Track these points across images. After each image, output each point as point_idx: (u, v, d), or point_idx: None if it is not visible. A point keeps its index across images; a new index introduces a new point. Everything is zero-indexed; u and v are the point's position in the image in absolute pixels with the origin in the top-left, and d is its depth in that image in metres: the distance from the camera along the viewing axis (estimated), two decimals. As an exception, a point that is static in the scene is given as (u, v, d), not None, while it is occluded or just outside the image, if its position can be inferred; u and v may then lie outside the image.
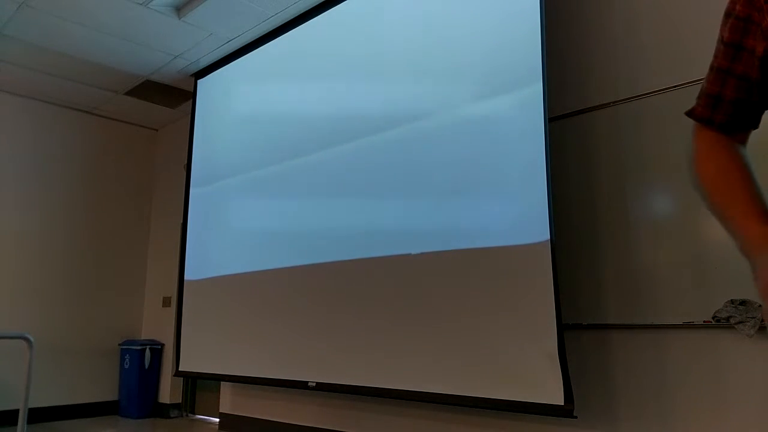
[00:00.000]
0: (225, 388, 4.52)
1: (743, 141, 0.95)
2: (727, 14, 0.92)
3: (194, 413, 5.17)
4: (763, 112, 0.93)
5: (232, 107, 4.36)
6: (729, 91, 0.91)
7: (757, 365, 2.16)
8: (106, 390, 5.30)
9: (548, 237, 2.48)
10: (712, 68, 0.95)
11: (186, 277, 4.48)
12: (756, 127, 0.94)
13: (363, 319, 3.17)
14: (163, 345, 5.30)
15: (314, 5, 3.78)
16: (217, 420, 4.62)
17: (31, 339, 3.32)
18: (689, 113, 0.98)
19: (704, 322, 2.26)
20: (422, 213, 2.98)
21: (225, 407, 4.48)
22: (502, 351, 2.57)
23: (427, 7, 3.14)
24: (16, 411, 4.64)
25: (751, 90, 0.90)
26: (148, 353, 5.16)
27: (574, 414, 2.33)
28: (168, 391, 5.17)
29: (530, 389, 2.45)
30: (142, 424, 4.88)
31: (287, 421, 3.93)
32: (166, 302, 5.41)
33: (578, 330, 2.62)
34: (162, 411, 5.18)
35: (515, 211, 2.62)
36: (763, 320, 2.11)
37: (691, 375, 2.31)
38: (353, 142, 3.39)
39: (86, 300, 5.29)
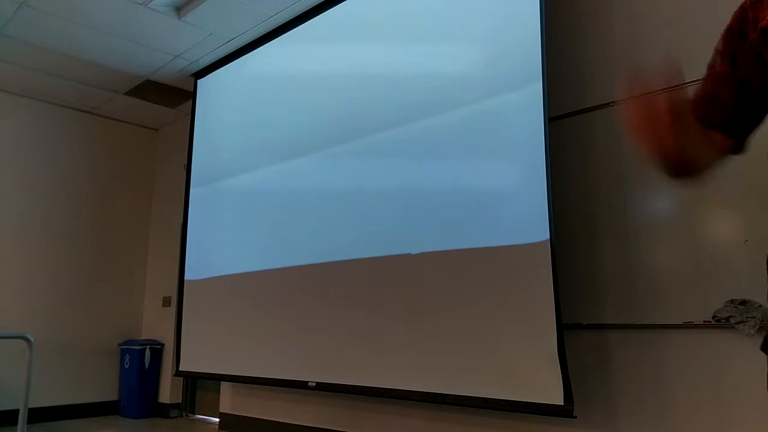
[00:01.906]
0: (225, 388, 4.52)
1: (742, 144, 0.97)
2: (728, 28, 0.97)
3: (194, 413, 5.17)
4: (763, 116, 0.95)
5: (232, 107, 4.36)
6: (726, 93, 0.94)
7: (757, 365, 2.15)
8: (106, 390, 5.30)
9: (548, 237, 2.48)
10: (712, 74, 0.97)
11: (186, 277, 4.48)
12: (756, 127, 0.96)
13: (363, 319, 3.17)
14: (163, 345, 5.30)
15: (314, 5, 3.77)
16: (217, 420, 4.62)
17: (31, 339, 3.32)
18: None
19: (704, 322, 2.26)
20: (422, 213, 2.98)
21: (225, 407, 4.48)
22: (501, 351, 2.57)
23: (427, 8, 3.14)
24: (16, 411, 4.63)
25: (751, 95, 0.93)
26: (148, 353, 5.16)
27: (574, 414, 2.33)
28: (168, 391, 5.17)
29: (530, 389, 2.45)
30: (142, 424, 4.88)
31: (287, 421, 3.93)
32: (166, 302, 5.41)
33: (578, 330, 2.62)
34: (162, 411, 5.18)
35: (515, 211, 2.62)
36: (763, 320, 2.11)
37: (690, 375, 2.31)
38: (353, 142, 3.39)
39: (86, 300, 5.29)
